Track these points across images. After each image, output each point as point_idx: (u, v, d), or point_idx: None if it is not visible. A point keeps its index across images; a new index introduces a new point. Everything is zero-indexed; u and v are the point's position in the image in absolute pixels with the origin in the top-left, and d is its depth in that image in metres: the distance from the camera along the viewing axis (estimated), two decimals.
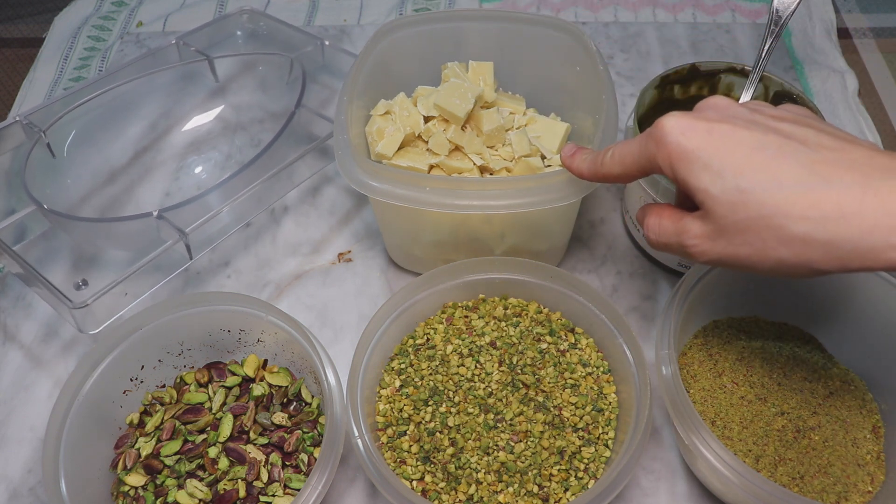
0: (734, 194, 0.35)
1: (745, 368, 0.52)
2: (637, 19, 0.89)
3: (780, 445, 0.48)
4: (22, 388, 0.59)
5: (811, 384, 0.51)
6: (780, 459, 0.48)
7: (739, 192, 0.35)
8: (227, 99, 0.77)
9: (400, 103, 0.61)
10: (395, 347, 0.54)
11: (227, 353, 0.56)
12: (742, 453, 0.48)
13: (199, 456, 0.49)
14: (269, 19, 0.80)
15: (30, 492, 0.54)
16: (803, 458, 0.48)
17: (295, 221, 0.69)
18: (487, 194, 0.51)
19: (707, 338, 0.55)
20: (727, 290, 0.53)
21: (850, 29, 0.89)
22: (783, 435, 0.49)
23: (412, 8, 0.91)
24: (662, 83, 0.63)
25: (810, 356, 0.53)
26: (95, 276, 0.64)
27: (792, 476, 0.47)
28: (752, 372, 0.52)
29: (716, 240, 0.37)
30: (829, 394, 0.51)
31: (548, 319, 0.55)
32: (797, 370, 0.52)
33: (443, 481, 0.48)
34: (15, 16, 0.98)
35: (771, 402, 0.50)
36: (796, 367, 0.52)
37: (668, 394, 0.46)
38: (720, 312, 0.56)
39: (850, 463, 0.48)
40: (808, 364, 0.53)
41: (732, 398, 0.51)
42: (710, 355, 0.53)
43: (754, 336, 0.55)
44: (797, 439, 0.49)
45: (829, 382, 0.52)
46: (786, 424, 0.49)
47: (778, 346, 0.54)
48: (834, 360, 0.53)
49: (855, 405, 0.51)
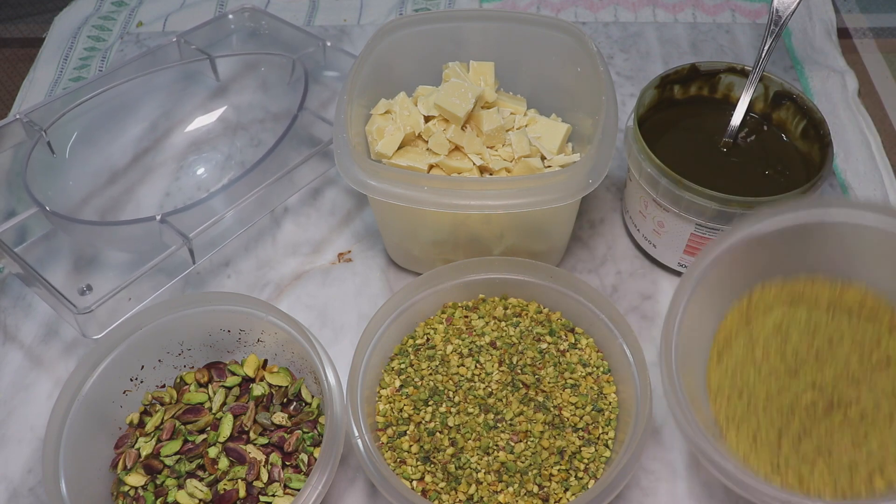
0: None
1: (781, 338, 0.50)
2: (637, 19, 0.89)
3: (807, 419, 0.47)
4: (22, 388, 0.59)
5: (863, 352, 0.48)
6: (805, 433, 0.47)
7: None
8: (228, 99, 0.77)
9: (400, 103, 0.61)
10: (395, 347, 0.54)
11: (227, 353, 0.56)
12: (765, 426, 0.47)
13: (199, 456, 0.49)
14: (271, 18, 0.80)
15: (30, 492, 0.54)
16: (834, 431, 0.46)
17: (295, 222, 0.69)
18: (487, 194, 0.51)
19: (751, 301, 0.52)
20: (777, 248, 0.50)
21: (850, 29, 0.89)
22: (812, 409, 0.47)
23: (412, 8, 0.91)
24: (662, 83, 0.63)
25: (872, 320, 0.50)
26: (97, 277, 0.64)
27: (818, 450, 0.46)
28: (787, 343, 0.50)
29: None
30: (885, 361, 0.48)
31: (548, 319, 0.55)
32: (850, 337, 0.49)
33: (443, 481, 0.48)
34: (15, 16, 0.98)
35: (802, 375, 0.48)
36: (849, 334, 0.49)
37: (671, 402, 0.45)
38: (771, 272, 0.53)
39: (893, 438, 0.46)
40: (868, 329, 0.49)
41: (761, 372, 0.49)
42: (747, 322, 0.51)
43: (802, 302, 0.52)
44: (828, 413, 0.47)
45: (890, 348, 0.49)
46: (816, 398, 0.47)
47: (830, 315, 0.51)
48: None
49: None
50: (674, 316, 0.48)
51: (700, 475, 0.52)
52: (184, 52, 0.76)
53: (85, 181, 0.69)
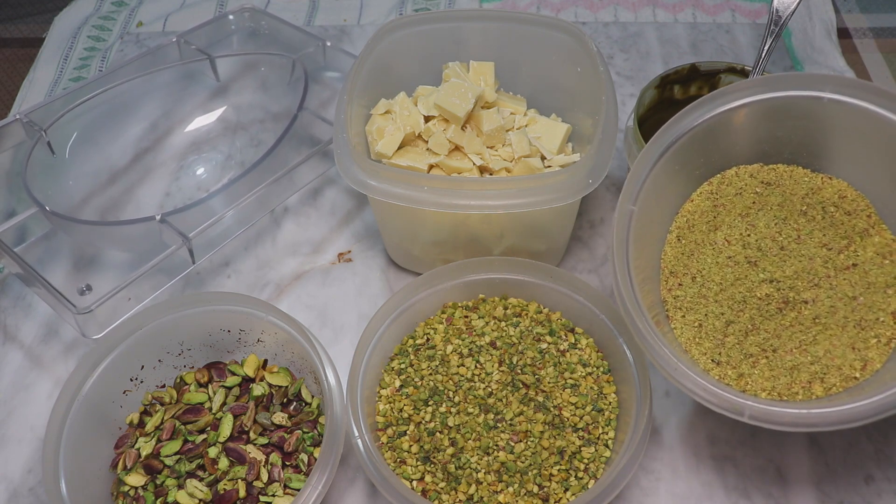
0: None
1: (746, 225, 0.48)
2: (637, 19, 0.89)
3: (758, 314, 0.45)
4: (22, 388, 0.59)
5: (830, 252, 0.46)
6: (754, 328, 0.45)
7: None
8: (228, 99, 0.77)
9: (400, 103, 0.61)
10: (395, 347, 0.54)
11: (227, 353, 0.56)
12: (714, 315, 0.46)
13: (199, 456, 0.49)
14: (270, 18, 0.80)
15: (30, 492, 0.54)
16: (782, 330, 0.44)
17: (295, 222, 0.69)
18: (486, 194, 0.51)
19: (722, 182, 0.49)
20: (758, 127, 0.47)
21: (850, 29, 0.89)
22: (765, 304, 0.45)
23: (412, 8, 0.91)
24: (662, 83, 0.63)
25: (848, 219, 0.47)
26: (97, 277, 0.64)
27: (763, 347, 0.44)
28: (752, 231, 0.47)
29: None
30: (851, 265, 0.45)
31: (548, 319, 0.55)
32: (819, 234, 0.46)
33: (443, 481, 0.48)
34: (15, 16, 0.98)
35: (762, 267, 0.46)
36: (820, 231, 0.46)
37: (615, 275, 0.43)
38: (749, 157, 0.50)
39: (841, 345, 0.44)
40: (841, 228, 0.46)
41: (719, 257, 0.47)
42: (714, 205, 0.49)
43: (777, 190, 0.49)
44: (781, 311, 0.45)
45: (860, 252, 0.45)
46: (771, 293, 0.45)
47: (804, 205, 0.47)
48: (882, 227, 0.46)
49: (881, 283, 0.44)
50: (635, 183, 0.45)
51: (700, 475, 0.52)
52: (184, 52, 0.76)
53: (85, 181, 0.69)
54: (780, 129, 0.49)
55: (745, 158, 0.50)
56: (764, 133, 0.49)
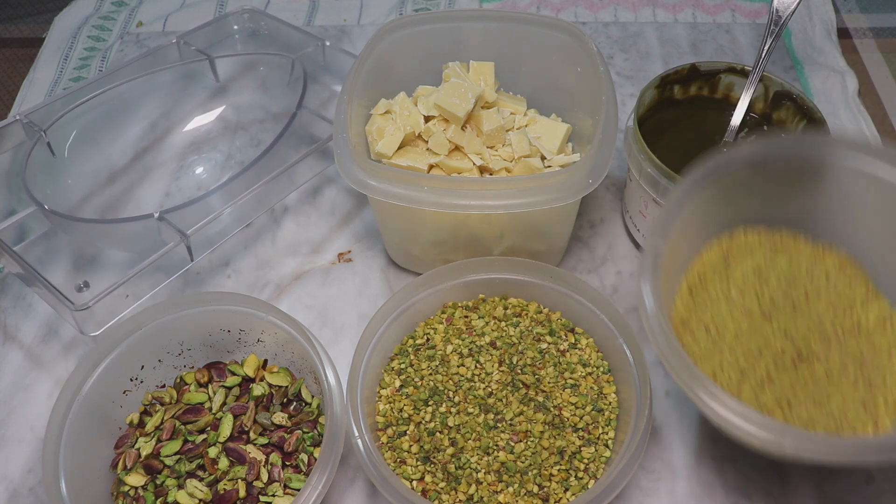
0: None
1: (760, 281, 0.48)
2: (637, 19, 0.89)
3: (773, 366, 0.45)
4: (22, 388, 0.59)
5: (837, 314, 0.47)
6: (769, 380, 0.45)
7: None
8: (227, 99, 0.77)
9: (400, 103, 0.61)
10: (395, 347, 0.54)
11: (227, 353, 0.56)
12: (728, 365, 0.46)
13: (199, 456, 0.49)
14: (270, 19, 0.80)
15: (30, 492, 0.54)
16: (797, 384, 0.45)
17: (295, 221, 0.69)
18: (486, 194, 0.51)
19: (732, 241, 0.51)
20: (761, 193, 0.48)
21: (850, 29, 0.89)
22: (780, 356, 0.45)
23: (412, 8, 0.91)
24: (662, 83, 0.63)
25: (849, 287, 0.48)
26: (96, 276, 0.64)
27: (777, 400, 0.44)
28: (765, 286, 0.48)
29: None
30: (857, 329, 0.46)
31: (548, 319, 0.55)
32: (826, 297, 0.48)
33: (443, 481, 0.48)
34: (15, 16, 0.98)
35: (776, 320, 0.46)
36: (826, 294, 0.48)
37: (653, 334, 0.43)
38: (754, 219, 0.51)
39: (854, 402, 0.44)
40: (844, 294, 0.48)
41: (734, 308, 0.47)
42: (725, 261, 0.50)
43: (784, 252, 0.50)
44: (795, 365, 0.45)
45: (863, 317, 0.47)
46: (786, 346, 0.46)
47: (810, 269, 0.49)
48: (880, 296, 0.48)
49: (885, 347, 0.46)
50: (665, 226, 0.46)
51: (700, 475, 0.52)
52: (183, 52, 0.76)
53: (84, 181, 0.69)
54: (784, 192, 0.50)
55: (751, 220, 0.52)
56: (771, 194, 0.50)
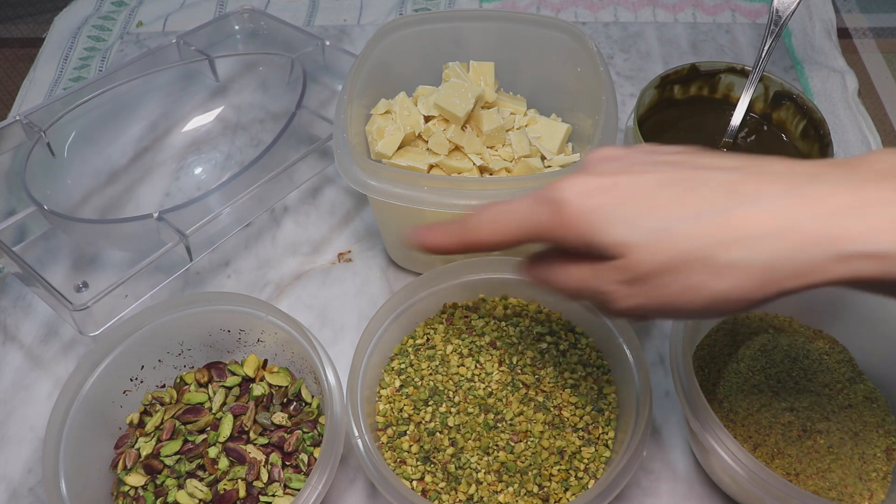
0: (652, 235, 0.31)
1: (767, 359, 0.52)
2: (637, 19, 0.89)
3: (782, 439, 0.48)
4: (22, 388, 0.59)
5: (832, 392, 0.51)
6: (779, 452, 0.48)
7: (657, 232, 0.31)
8: (227, 99, 0.77)
9: (400, 103, 0.61)
10: (395, 347, 0.54)
11: (227, 353, 0.56)
12: (742, 438, 0.48)
13: (199, 456, 0.49)
14: (270, 19, 0.80)
15: (30, 492, 0.54)
16: (803, 456, 0.48)
17: (295, 221, 0.69)
18: (486, 194, 0.51)
19: (735, 325, 0.54)
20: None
21: (850, 29, 0.89)
22: (788, 430, 0.49)
23: (412, 8, 0.91)
24: (662, 83, 0.63)
25: (838, 367, 0.53)
26: (95, 276, 0.64)
27: (787, 471, 0.47)
28: (772, 364, 0.51)
29: (637, 286, 0.33)
30: (848, 406, 0.50)
31: (548, 319, 0.55)
32: (821, 376, 0.52)
33: (443, 481, 0.48)
34: (15, 16, 0.98)
35: (783, 397, 0.50)
36: (821, 373, 0.52)
37: (683, 387, 0.46)
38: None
39: (852, 474, 0.48)
40: (835, 373, 0.52)
41: (745, 385, 0.50)
42: (733, 340, 0.53)
43: (784, 333, 0.54)
44: (801, 438, 0.48)
45: (852, 395, 0.51)
46: (793, 421, 0.49)
47: (806, 349, 0.53)
48: (863, 377, 0.53)
49: (873, 423, 0.50)
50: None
51: (700, 475, 0.52)
52: (183, 52, 0.76)
53: (84, 181, 0.69)
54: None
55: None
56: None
